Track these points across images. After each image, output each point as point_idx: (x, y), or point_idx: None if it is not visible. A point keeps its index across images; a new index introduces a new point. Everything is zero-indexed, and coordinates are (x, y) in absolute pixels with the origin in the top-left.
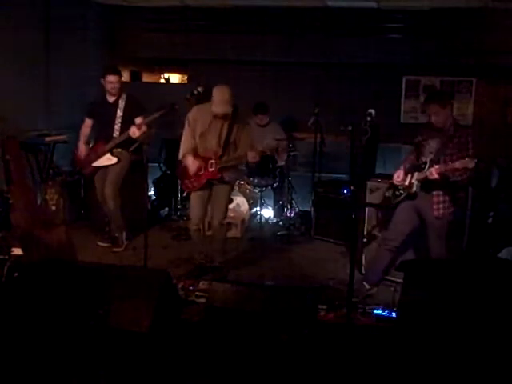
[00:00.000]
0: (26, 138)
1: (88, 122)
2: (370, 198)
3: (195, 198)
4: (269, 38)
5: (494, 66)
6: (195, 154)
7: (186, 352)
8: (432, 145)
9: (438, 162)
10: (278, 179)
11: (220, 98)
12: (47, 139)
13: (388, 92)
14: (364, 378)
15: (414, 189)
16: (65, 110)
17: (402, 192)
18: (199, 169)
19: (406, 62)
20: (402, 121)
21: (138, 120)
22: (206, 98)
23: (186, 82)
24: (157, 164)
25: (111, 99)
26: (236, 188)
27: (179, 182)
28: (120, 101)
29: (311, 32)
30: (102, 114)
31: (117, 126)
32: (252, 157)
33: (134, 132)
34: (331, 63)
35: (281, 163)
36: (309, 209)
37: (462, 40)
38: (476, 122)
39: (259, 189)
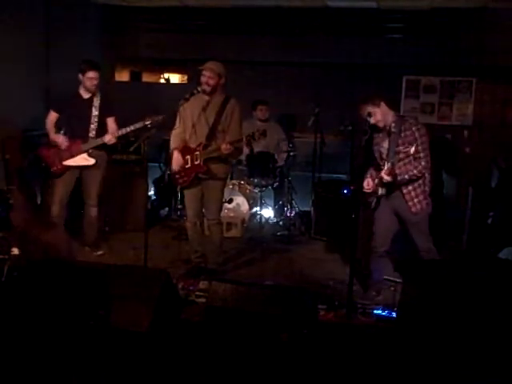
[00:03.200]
0: (26, 138)
1: (53, 116)
2: None
3: (188, 196)
4: (269, 38)
5: (494, 66)
6: (185, 146)
7: (186, 352)
8: (384, 146)
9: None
10: (278, 179)
11: (209, 62)
12: (47, 139)
13: (388, 92)
14: (364, 377)
15: (380, 192)
16: None
17: (372, 198)
18: (186, 162)
19: (406, 62)
20: None
21: (114, 132)
22: None
23: (185, 81)
24: (157, 164)
25: (86, 95)
26: (236, 188)
27: (171, 178)
28: (95, 99)
29: (311, 32)
30: (75, 110)
31: (93, 126)
32: (224, 148)
33: (110, 140)
34: (331, 63)
35: (280, 163)
36: (309, 209)
37: (462, 40)
38: (476, 122)
39: (259, 189)
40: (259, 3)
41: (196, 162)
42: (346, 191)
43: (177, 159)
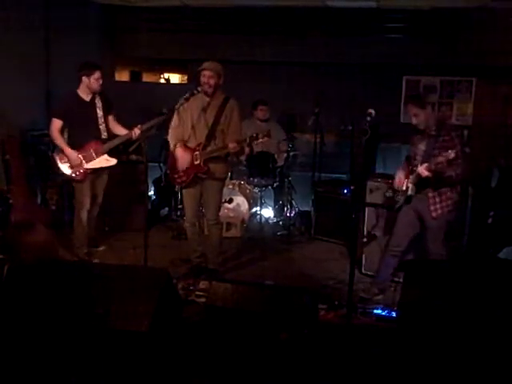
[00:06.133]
0: (26, 137)
1: (58, 124)
2: (370, 198)
3: (187, 196)
4: (269, 38)
5: (494, 66)
6: (185, 145)
7: (186, 352)
8: (421, 147)
9: (426, 162)
10: (278, 179)
11: (207, 62)
12: (47, 139)
13: (388, 92)
14: (364, 377)
15: (410, 192)
16: None
17: (400, 197)
18: (186, 162)
19: (406, 61)
20: (402, 121)
21: (139, 126)
22: None
23: (185, 82)
24: (157, 164)
25: (88, 97)
26: (236, 188)
27: (170, 178)
28: (96, 100)
29: (311, 32)
30: (81, 115)
31: (102, 127)
32: (233, 147)
33: (138, 135)
34: (331, 63)
35: (280, 163)
36: (309, 209)
37: (462, 40)
38: (476, 121)
39: (259, 189)
40: (259, 3)
41: (196, 162)
42: (346, 191)
43: (183, 156)
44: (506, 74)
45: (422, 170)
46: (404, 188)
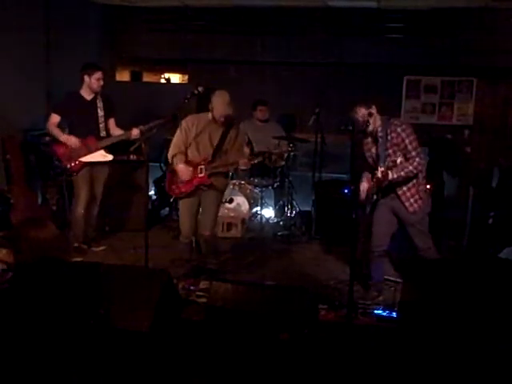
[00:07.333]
0: (26, 137)
1: (56, 119)
2: None
3: (184, 207)
4: (269, 38)
5: (494, 66)
6: (185, 159)
7: (186, 352)
8: (373, 151)
9: (382, 165)
10: (278, 179)
11: (222, 101)
12: (47, 139)
13: (389, 92)
14: (364, 377)
15: (374, 198)
16: None
17: (368, 203)
18: (188, 175)
19: (407, 62)
20: None
21: (139, 127)
22: (206, 98)
23: (186, 81)
24: (157, 164)
25: (89, 97)
26: (237, 188)
27: (166, 186)
28: (98, 101)
29: (311, 32)
30: (81, 113)
31: (102, 126)
32: (243, 163)
33: (137, 135)
34: (331, 63)
35: (281, 163)
36: (309, 209)
37: (462, 40)
38: (476, 121)
39: (260, 189)
40: (259, 3)
41: (200, 175)
42: (346, 191)
43: (185, 170)
44: (506, 74)
45: (380, 175)
46: (371, 195)
